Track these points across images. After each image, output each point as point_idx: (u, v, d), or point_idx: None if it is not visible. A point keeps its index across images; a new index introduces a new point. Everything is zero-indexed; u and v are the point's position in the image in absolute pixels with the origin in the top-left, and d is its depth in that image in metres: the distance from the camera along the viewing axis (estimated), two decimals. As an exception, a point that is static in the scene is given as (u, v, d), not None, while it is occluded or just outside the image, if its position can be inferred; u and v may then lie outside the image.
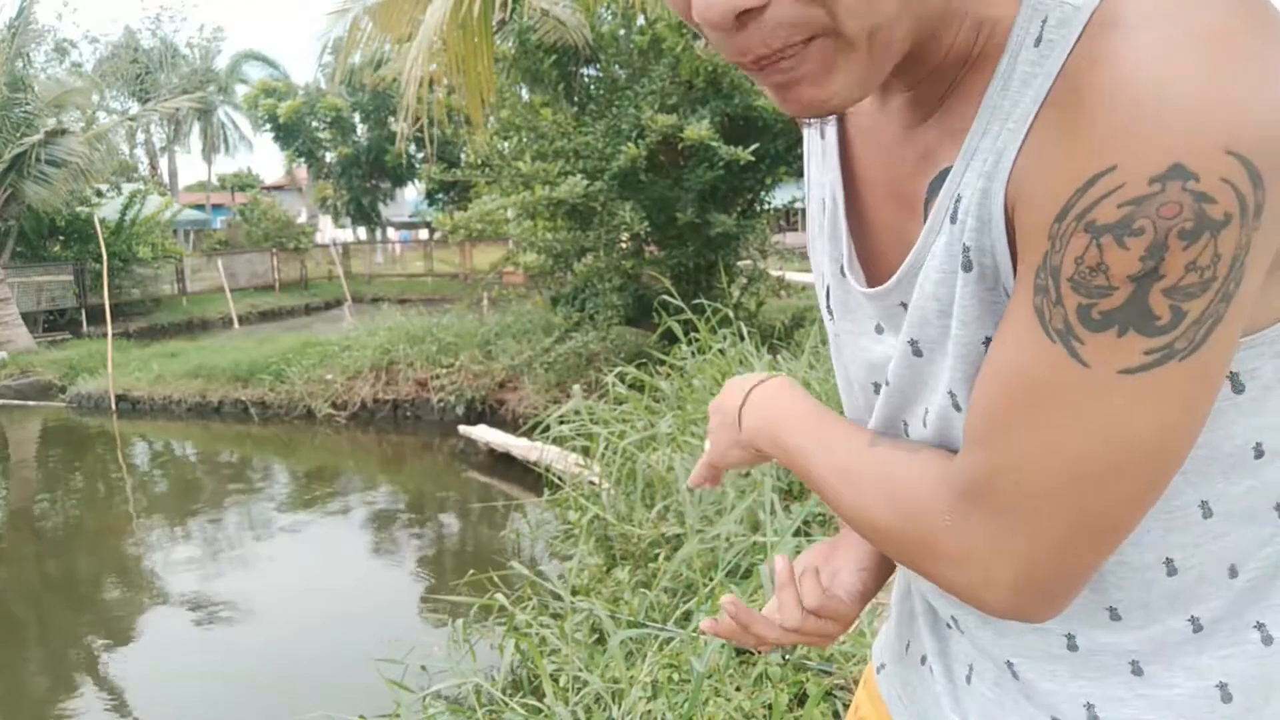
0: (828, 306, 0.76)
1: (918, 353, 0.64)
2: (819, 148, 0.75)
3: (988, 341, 0.58)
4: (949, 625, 0.75)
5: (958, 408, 0.61)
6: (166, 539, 7.69)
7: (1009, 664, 0.69)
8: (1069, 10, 0.51)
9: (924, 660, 0.79)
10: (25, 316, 17.02)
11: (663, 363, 5.83)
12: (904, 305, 0.64)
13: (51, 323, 18.57)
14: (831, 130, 0.73)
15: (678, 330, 5.74)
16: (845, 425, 0.71)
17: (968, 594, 0.59)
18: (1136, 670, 0.64)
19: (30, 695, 5.18)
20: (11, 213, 17.14)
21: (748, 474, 4.04)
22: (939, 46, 0.57)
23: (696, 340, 5.54)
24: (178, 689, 4.97)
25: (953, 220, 0.57)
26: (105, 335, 13.49)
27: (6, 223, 17.38)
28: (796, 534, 3.48)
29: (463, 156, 11.20)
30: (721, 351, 5.28)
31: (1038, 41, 0.53)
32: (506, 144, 9.17)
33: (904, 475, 0.63)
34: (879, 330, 0.69)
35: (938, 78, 0.59)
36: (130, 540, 7.73)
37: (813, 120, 0.62)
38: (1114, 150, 0.46)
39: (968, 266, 0.57)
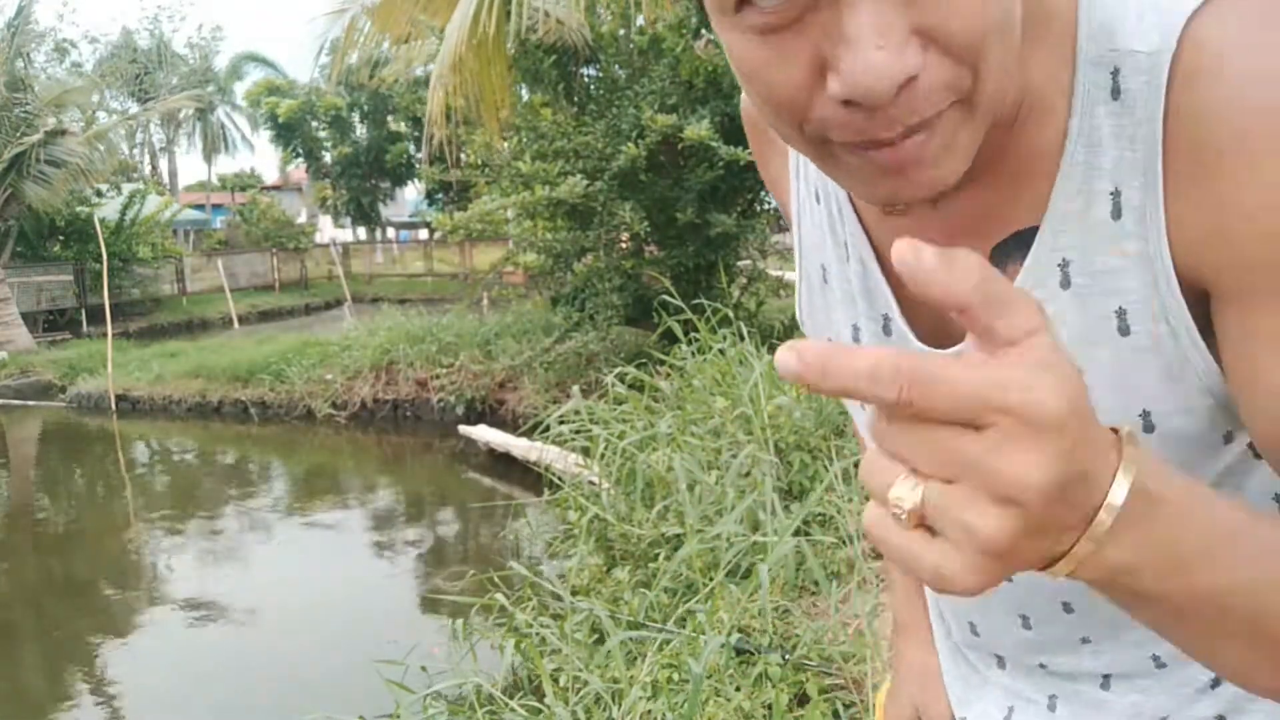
0: None
1: None
2: (813, 213, 0.71)
3: (1144, 415, 0.56)
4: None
5: None
6: (166, 539, 7.69)
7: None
8: (1142, 59, 0.51)
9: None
10: (25, 316, 17.02)
11: (663, 363, 5.83)
12: None
13: (51, 323, 18.57)
14: (840, 194, 0.68)
15: (678, 330, 5.73)
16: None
17: None
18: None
19: (29, 695, 5.18)
20: (11, 213, 17.14)
21: (748, 474, 4.04)
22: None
23: (696, 340, 5.54)
24: (177, 689, 4.97)
25: (1065, 286, 0.55)
26: (105, 335, 13.49)
27: (6, 223, 17.38)
28: (796, 534, 3.48)
29: (463, 157, 11.18)
30: (721, 352, 5.28)
31: (1115, 94, 0.52)
32: (507, 144, 9.17)
33: None
34: None
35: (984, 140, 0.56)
36: (130, 540, 7.73)
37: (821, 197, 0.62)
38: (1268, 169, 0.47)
39: (1125, 331, 0.55)
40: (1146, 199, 0.52)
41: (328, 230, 30.90)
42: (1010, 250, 0.57)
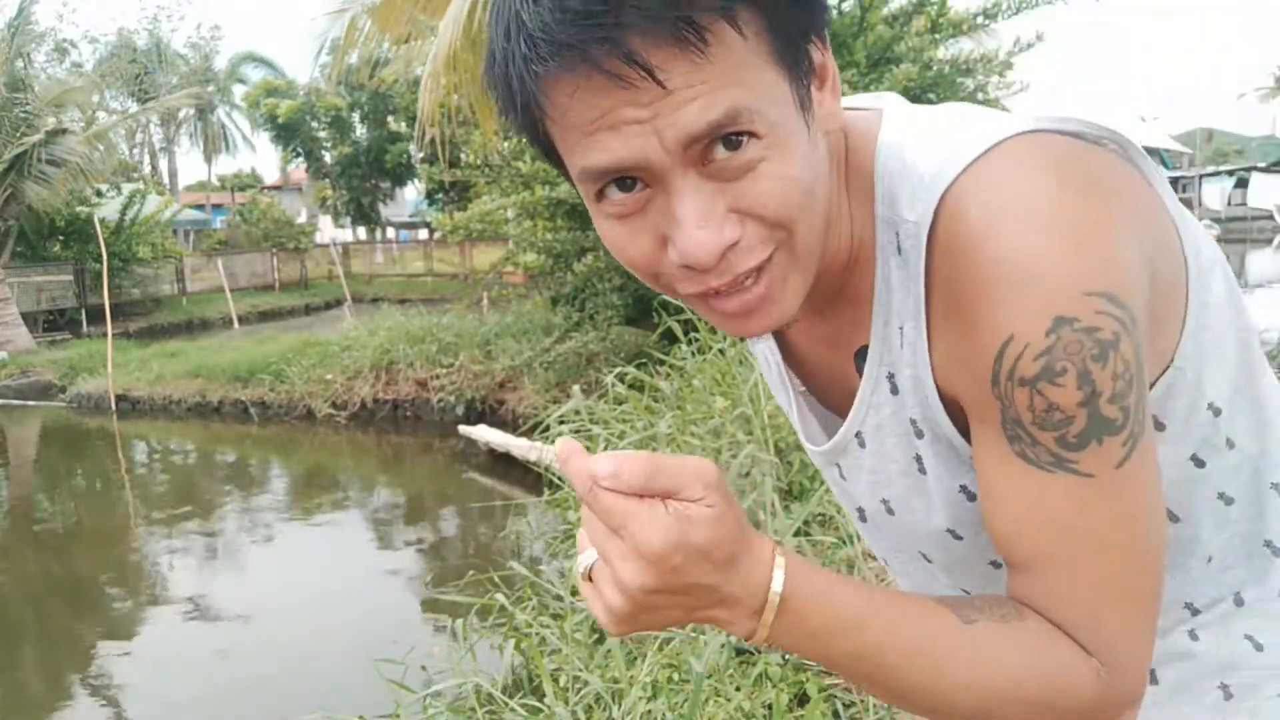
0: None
1: (890, 511, 0.77)
2: None
3: (962, 489, 0.70)
4: None
5: (959, 537, 0.74)
6: (166, 539, 7.69)
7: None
8: (911, 227, 0.64)
9: None
10: (25, 316, 17.02)
11: (663, 363, 5.83)
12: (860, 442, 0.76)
13: (51, 323, 18.57)
14: None
15: (677, 330, 5.73)
16: (916, 609, 0.63)
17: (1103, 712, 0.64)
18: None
19: (29, 695, 5.18)
20: (11, 213, 17.14)
21: (748, 474, 4.04)
22: (827, 253, 0.68)
23: (696, 340, 5.54)
24: (177, 690, 4.97)
25: (894, 393, 0.70)
26: (105, 335, 13.50)
27: (6, 223, 17.38)
28: (797, 534, 3.48)
29: (463, 157, 11.18)
30: (721, 351, 5.27)
31: (899, 251, 0.66)
32: (507, 144, 9.17)
33: (1017, 655, 0.63)
34: (843, 477, 0.81)
35: (829, 277, 0.70)
36: (130, 540, 7.73)
37: (757, 338, 0.76)
38: (1007, 324, 0.58)
39: (920, 434, 0.70)
40: (917, 336, 0.66)
41: (328, 230, 30.90)
42: (861, 358, 0.73)
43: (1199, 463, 0.71)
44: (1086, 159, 0.63)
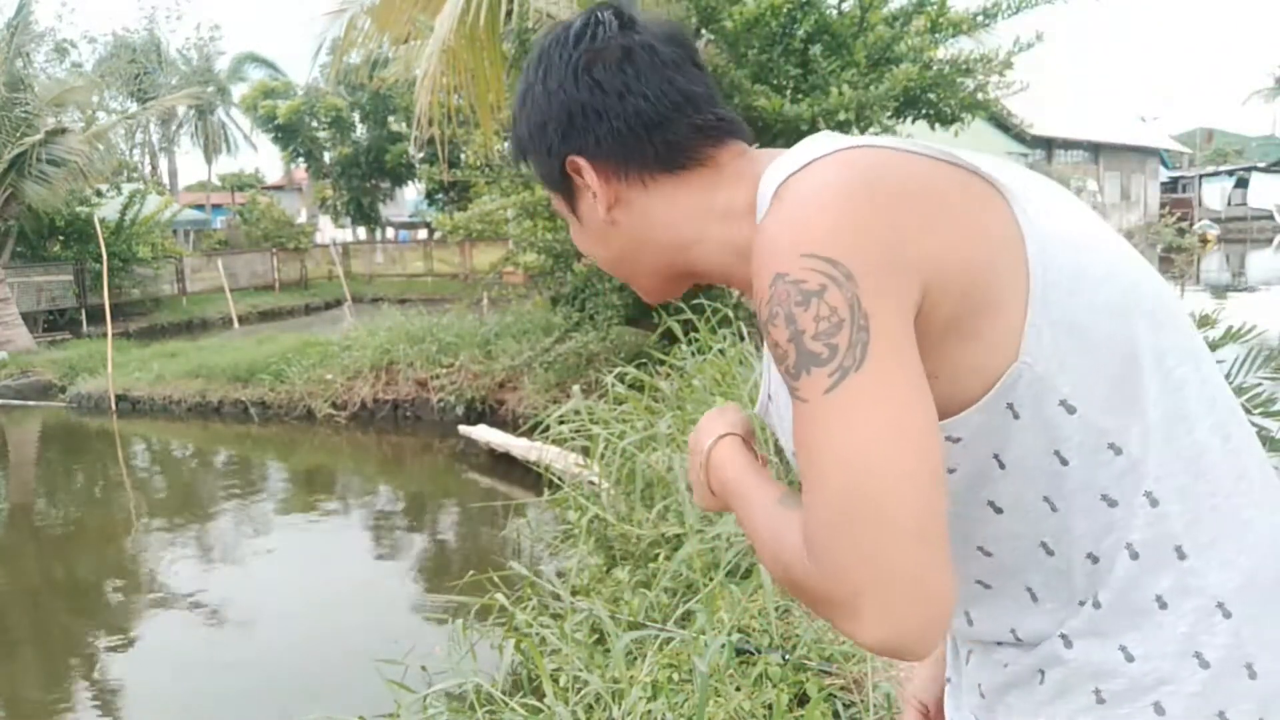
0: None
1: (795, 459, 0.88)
2: None
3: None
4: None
5: None
6: (166, 539, 7.69)
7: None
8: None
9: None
10: (25, 316, 17.01)
11: (663, 363, 5.82)
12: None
13: (51, 323, 18.57)
14: None
15: (678, 330, 5.73)
16: (765, 486, 0.85)
17: (850, 632, 0.70)
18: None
19: (28, 695, 5.18)
20: (11, 213, 17.13)
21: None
22: (702, 269, 0.90)
23: (696, 340, 5.53)
24: (177, 690, 4.97)
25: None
26: (105, 335, 13.50)
27: (6, 223, 17.38)
28: (796, 534, 3.47)
29: (463, 157, 11.17)
30: (721, 351, 5.27)
31: None
32: (507, 144, 9.16)
33: (787, 532, 0.76)
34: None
35: (739, 278, 0.87)
36: (130, 541, 7.73)
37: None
38: (757, 285, 0.74)
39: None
40: None
41: (328, 230, 30.89)
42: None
43: (1062, 460, 0.77)
44: (882, 165, 0.75)
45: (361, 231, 30.65)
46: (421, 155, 23.97)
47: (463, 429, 9.05)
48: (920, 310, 0.72)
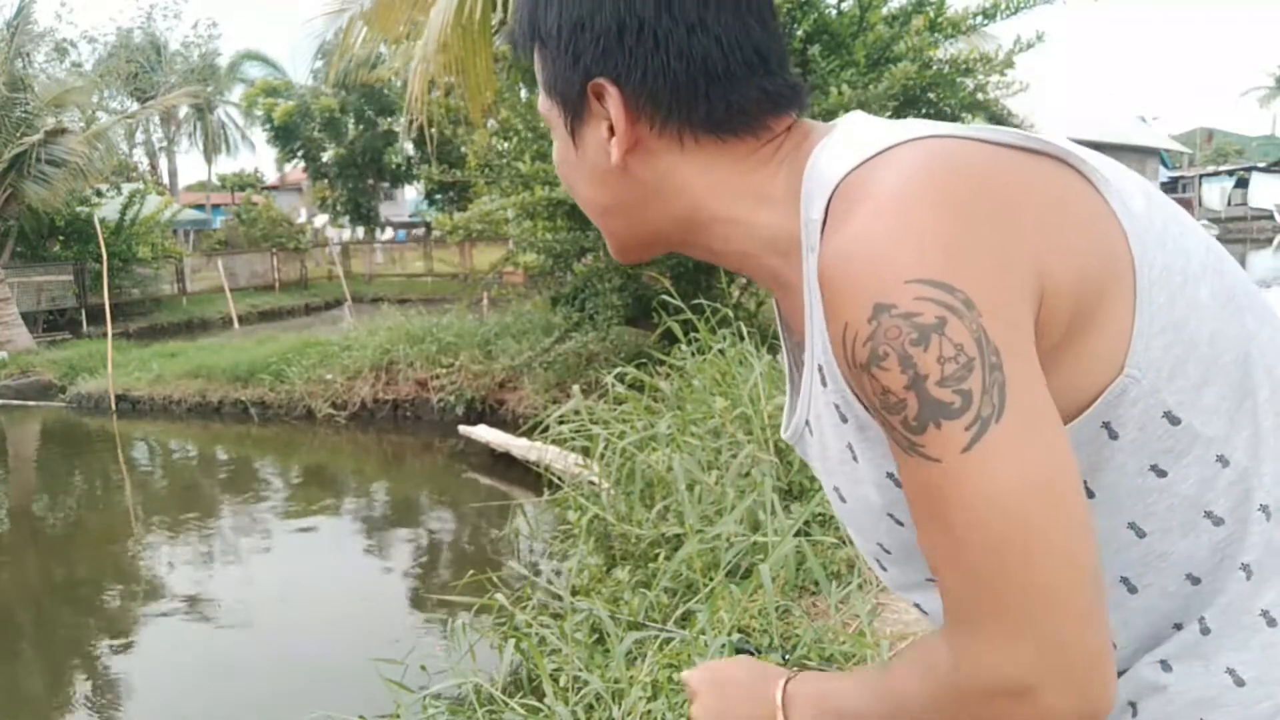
0: None
1: (842, 499, 0.79)
2: None
3: (889, 475, 0.70)
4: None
5: (900, 523, 0.74)
6: (166, 540, 7.69)
7: None
8: (814, 225, 0.68)
9: None
10: (25, 316, 17.01)
11: (662, 363, 5.82)
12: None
13: (51, 323, 18.56)
14: None
15: (677, 330, 5.73)
16: (847, 678, 0.78)
17: (1031, 715, 0.60)
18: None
19: (28, 695, 5.18)
20: (11, 213, 17.12)
21: (748, 474, 4.04)
22: (708, 247, 0.78)
23: (696, 340, 5.53)
24: (177, 690, 4.97)
25: (823, 384, 0.72)
26: (105, 335, 13.49)
27: (6, 223, 17.37)
28: (797, 534, 3.48)
29: (463, 150, 11.16)
30: (721, 352, 5.27)
31: (810, 250, 0.69)
32: (506, 144, 9.16)
33: (911, 679, 0.68)
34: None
35: (758, 270, 0.78)
36: (130, 541, 7.73)
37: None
38: (840, 312, 0.61)
39: (844, 420, 0.71)
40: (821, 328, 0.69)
41: (327, 230, 30.86)
42: (799, 353, 0.79)
43: (1159, 473, 0.68)
44: (980, 162, 0.64)
45: (360, 231, 30.64)
46: (416, 155, 23.98)
47: (463, 429, 9.05)
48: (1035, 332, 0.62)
